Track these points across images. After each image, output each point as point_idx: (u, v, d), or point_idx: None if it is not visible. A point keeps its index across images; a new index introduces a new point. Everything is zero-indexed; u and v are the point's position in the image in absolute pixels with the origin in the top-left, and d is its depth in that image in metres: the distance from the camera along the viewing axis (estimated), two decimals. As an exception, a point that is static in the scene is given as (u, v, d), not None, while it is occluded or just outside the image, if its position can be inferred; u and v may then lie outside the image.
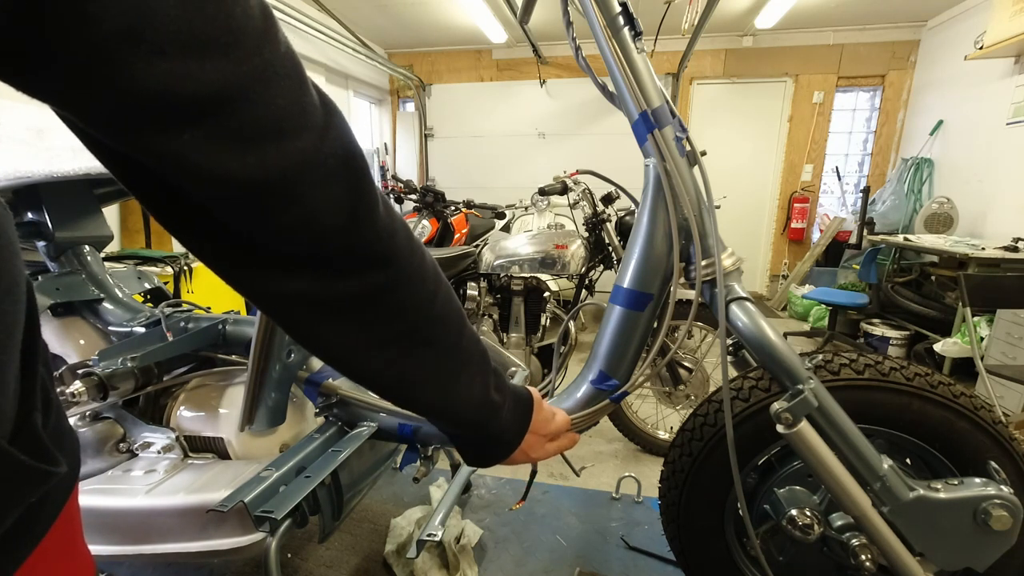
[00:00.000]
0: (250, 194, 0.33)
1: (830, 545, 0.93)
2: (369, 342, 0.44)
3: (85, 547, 0.44)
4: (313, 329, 0.42)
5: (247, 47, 0.30)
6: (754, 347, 0.88)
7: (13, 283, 0.32)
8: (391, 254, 0.42)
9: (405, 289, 0.44)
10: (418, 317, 0.46)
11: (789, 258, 5.27)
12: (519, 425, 0.64)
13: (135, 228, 2.85)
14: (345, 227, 0.38)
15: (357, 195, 0.38)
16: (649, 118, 0.87)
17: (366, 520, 1.61)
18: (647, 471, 1.98)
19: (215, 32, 0.28)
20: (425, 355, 0.48)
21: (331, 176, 0.36)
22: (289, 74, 0.33)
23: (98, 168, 1.12)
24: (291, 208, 0.35)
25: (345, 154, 0.37)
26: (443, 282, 0.50)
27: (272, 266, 0.38)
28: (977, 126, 3.79)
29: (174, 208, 0.36)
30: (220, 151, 0.30)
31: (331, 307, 0.41)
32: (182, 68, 0.27)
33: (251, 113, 0.31)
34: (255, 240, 0.37)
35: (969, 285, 2.09)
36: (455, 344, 0.51)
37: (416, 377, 0.49)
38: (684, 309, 0.94)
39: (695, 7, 3.35)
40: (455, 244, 3.33)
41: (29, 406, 0.34)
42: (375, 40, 5.18)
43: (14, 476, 0.31)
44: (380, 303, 0.43)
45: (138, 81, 0.27)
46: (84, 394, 1.06)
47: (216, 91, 0.29)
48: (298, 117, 0.34)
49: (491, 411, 0.58)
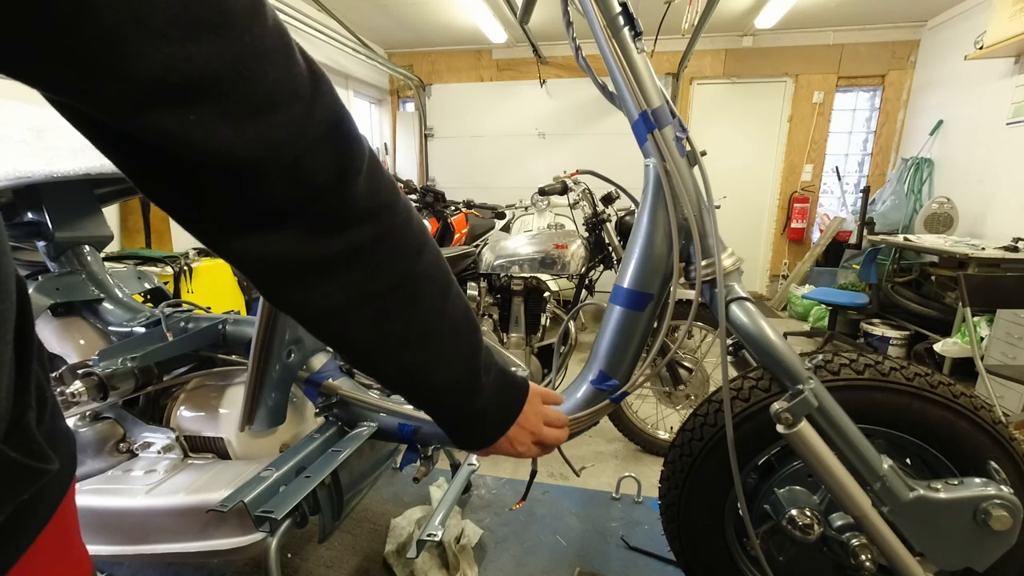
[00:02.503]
0: (252, 164, 0.35)
1: (830, 545, 0.93)
2: (354, 300, 0.45)
3: (82, 546, 0.44)
4: (302, 292, 0.43)
5: (238, 26, 0.31)
6: (754, 347, 0.88)
7: (2, 280, 0.32)
8: (377, 210, 0.44)
9: (389, 243, 0.45)
10: (403, 273, 0.47)
11: (789, 258, 5.27)
12: (505, 409, 0.62)
13: (135, 228, 2.85)
14: (334, 186, 0.40)
15: (345, 156, 0.40)
16: (649, 118, 0.87)
17: (366, 520, 1.61)
18: (647, 471, 1.98)
19: (208, 14, 0.29)
20: (409, 313, 0.48)
21: (322, 140, 0.38)
22: (278, 48, 0.34)
23: (98, 168, 1.12)
24: (286, 173, 0.37)
25: (333, 118, 0.39)
26: (429, 242, 0.50)
27: (266, 231, 0.40)
28: (977, 126, 3.79)
29: (173, 184, 0.38)
30: (222, 127, 0.32)
31: (320, 265, 0.42)
32: (183, 51, 0.29)
33: (247, 88, 0.32)
34: (253, 208, 0.39)
35: (969, 285, 2.09)
36: (440, 305, 0.51)
37: (399, 336, 0.48)
38: (684, 309, 0.94)
39: (695, 7, 3.35)
40: (455, 244, 3.33)
41: (23, 404, 0.34)
42: (375, 40, 5.18)
43: (4, 473, 0.31)
44: (366, 258, 0.44)
45: (145, 66, 0.28)
46: (84, 394, 1.06)
47: (214, 70, 0.30)
48: (288, 88, 0.35)
49: (473, 384, 0.56)
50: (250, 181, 0.37)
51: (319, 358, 1.20)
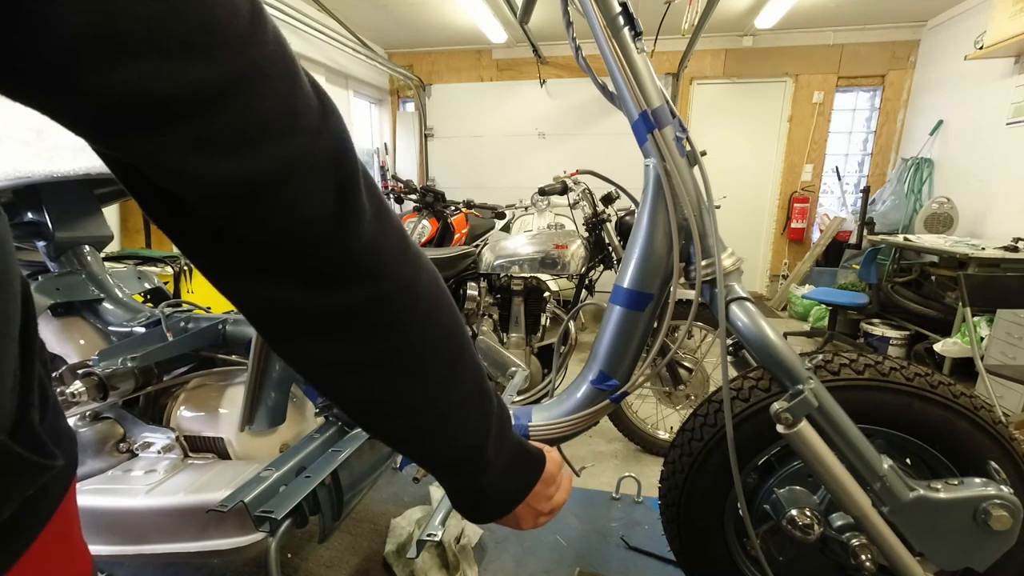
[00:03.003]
0: (236, 199, 0.32)
1: (830, 545, 0.93)
2: (348, 362, 0.42)
3: (83, 544, 0.44)
4: (294, 342, 0.41)
5: (229, 47, 0.29)
6: (754, 347, 0.88)
7: (7, 280, 0.32)
8: (379, 267, 0.40)
9: (390, 308, 0.41)
10: (402, 341, 0.42)
11: (789, 258, 5.27)
12: (512, 490, 0.56)
13: (135, 228, 2.85)
14: (331, 237, 0.36)
15: (346, 203, 0.36)
16: (649, 118, 0.87)
17: (366, 520, 1.61)
18: (647, 471, 1.98)
19: (190, 32, 0.27)
20: (407, 382, 0.44)
21: (319, 183, 0.35)
22: (277, 74, 0.31)
23: (98, 168, 1.12)
24: (275, 214, 0.34)
25: (336, 160, 0.35)
26: (443, 304, 0.46)
27: (259, 271, 0.37)
28: (977, 126, 3.79)
29: (164, 209, 0.36)
30: (199, 155, 0.29)
31: (314, 319, 0.39)
32: (153, 70, 0.26)
33: (232, 115, 0.29)
34: (243, 243, 0.36)
35: (969, 285, 2.09)
36: (447, 374, 0.46)
37: (394, 404, 0.45)
38: (684, 309, 0.94)
39: (695, 7, 3.35)
40: (455, 244, 3.33)
41: (27, 402, 0.34)
42: (375, 40, 5.18)
43: (11, 469, 0.32)
44: (364, 320, 0.40)
45: (107, 83, 0.25)
46: (84, 394, 1.06)
47: (193, 93, 0.28)
48: (286, 119, 0.32)
49: (477, 461, 0.51)
50: (233, 213, 0.33)
51: (319, 358, 1.20)
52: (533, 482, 0.58)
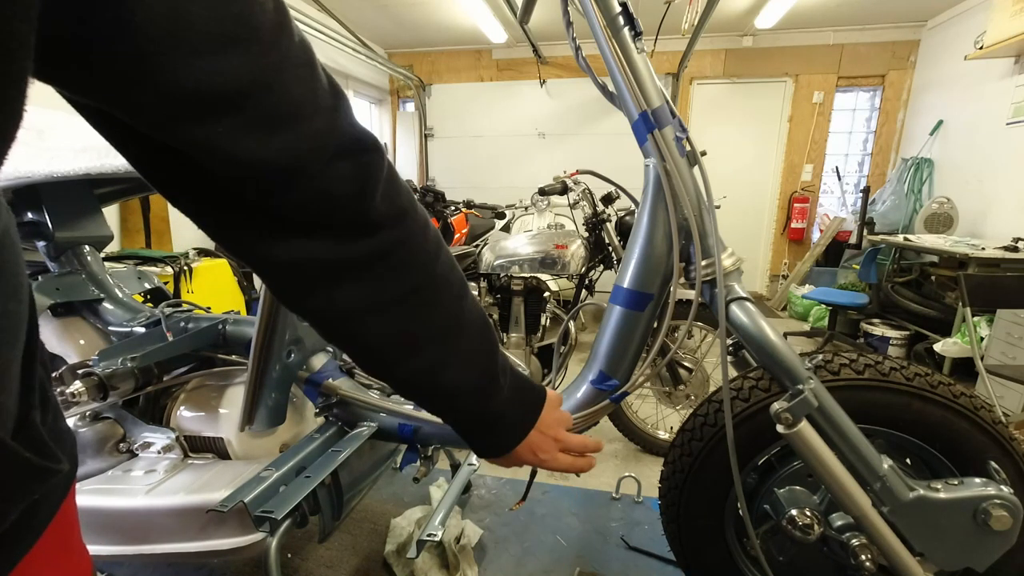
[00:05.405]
0: (276, 174, 0.37)
1: (830, 545, 0.93)
2: (375, 302, 0.46)
3: (82, 545, 0.44)
4: (326, 297, 0.45)
5: (266, 41, 0.33)
6: (754, 347, 0.88)
7: (18, 285, 0.33)
8: (397, 216, 0.46)
9: (409, 247, 0.47)
10: (422, 276, 0.48)
11: (789, 258, 5.27)
12: (523, 413, 0.60)
13: (135, 228, 2.85)
14: (356, 195, 0.42)
15: (365, 167, 0.42)
16: (649, 118, 0.87)
17: (366, 520, 1.61)
18: (647, 471, 1.98)
19: (238, 30, 0.31)
20: (427, 314, 0.49)
21: (343, 151, 0.40)
22: (304, 62, 0.36)
23: (98, 168, 1.12)
24: (311, 183, 0.39)
25: (353, 131, 0.41)
26: (445, 248, 0.52)
27: (291, 236, 0.42)
28: (977, 126, 3.79)
29: (201, 195, 0.40)
30: (249, 138, 0.34)
31: (344, 270, 0.44)
32: (213, 65, 0.30)
33: (273, 101, 0.34)
34: (278, 214, 0.40)
35: (969, 285, 2.09)
36: (457, 308, 0.52)
37: (416, 337, 0.49)
38: (684, 309, 0.94)
39: (695, 7, 3.35)
40: (455, 244, 3.33)
41: (28, 404, 0.35)
42: (375, 40, 5.18)
43: (18, 472, 0.32)
44: (387, 261, 0.46)
45: (179, 80, 0.29)
46: (84, 394, 1.06)
47: (244, 84, 0.32)
48: (312, 101, 0.37)
49: (489, 384, 0.55)
50: (277, 190, 0.38)
51: (319, 358, 1.21)
52: (540, 404, 0.62)
